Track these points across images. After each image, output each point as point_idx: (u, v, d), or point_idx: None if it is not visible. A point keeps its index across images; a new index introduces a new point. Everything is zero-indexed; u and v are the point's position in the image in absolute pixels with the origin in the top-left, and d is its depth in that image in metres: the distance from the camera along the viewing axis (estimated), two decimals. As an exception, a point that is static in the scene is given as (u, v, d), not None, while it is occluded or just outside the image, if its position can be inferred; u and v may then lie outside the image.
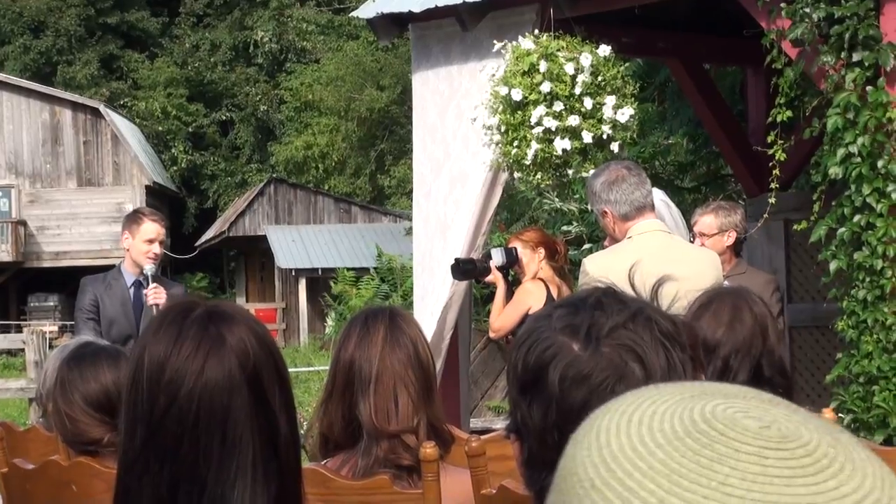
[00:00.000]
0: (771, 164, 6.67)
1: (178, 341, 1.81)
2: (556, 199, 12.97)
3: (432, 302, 7.52)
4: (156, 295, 6.39)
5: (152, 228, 6.55)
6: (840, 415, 6.00)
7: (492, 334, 6.90)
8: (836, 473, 0.82)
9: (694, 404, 0.87)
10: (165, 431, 1.78)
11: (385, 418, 2.95)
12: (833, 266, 6.23)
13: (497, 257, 6.65)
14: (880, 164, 6.04)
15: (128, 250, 6.58)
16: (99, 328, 6.39)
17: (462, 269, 6.80)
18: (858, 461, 0.84)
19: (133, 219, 6.62)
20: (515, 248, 6.66)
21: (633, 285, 1.75)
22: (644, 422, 0.86)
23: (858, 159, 6.06)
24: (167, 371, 1.80)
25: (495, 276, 6.68)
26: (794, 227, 6.84)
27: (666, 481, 0.82)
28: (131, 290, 6.58)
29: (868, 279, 6.12)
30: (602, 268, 4.47)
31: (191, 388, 1.79)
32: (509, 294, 6.74)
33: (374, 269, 23.28)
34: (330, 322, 20.96)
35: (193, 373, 1.79)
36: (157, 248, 6.55)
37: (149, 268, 6.55)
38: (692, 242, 5.88)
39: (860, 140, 6.03)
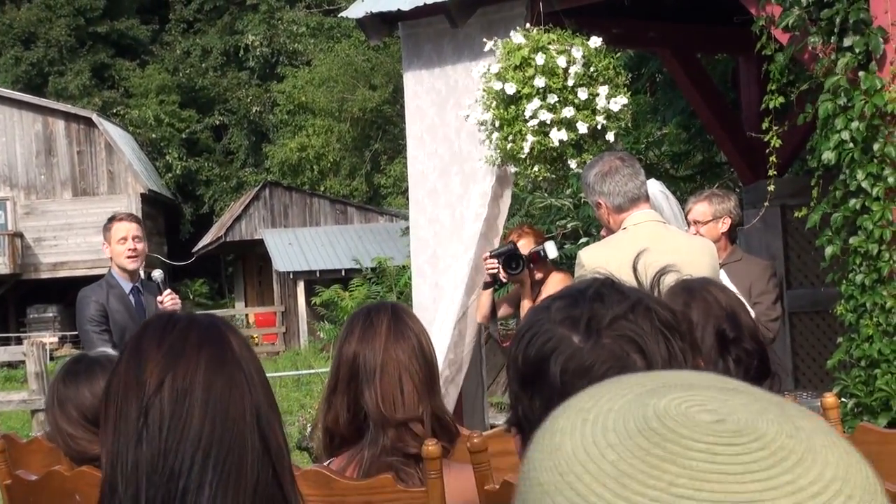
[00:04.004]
0: (767, 150, 6.66)
1: (161, 340, 1.80)
2: (547, 196, 12.94)
3: (444, 301, 7.40)
4: (172, 301, 6.44)
5: (122, 227, 6.60)
6: (843, 399, 5.98)
7: None
8: (792, 467, 0.80)
9: (650, 400, 0.85)
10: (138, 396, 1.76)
11: (391, 406, 2.93)
12: (829, 251, 6.21)
13: (552, 251, 6.38)
14: (876, 147, 6.01)
15: (111, 258, 6.65)
16: (112, 339, 6.38)
17: (515, 267, 6.35)
18: (820, 450, 0.81)
19: (106, 226, 6.68)
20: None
21: (636, 273, 1.74)
22: (599, 421, 0.84)
23: (851, 144, 6.04)
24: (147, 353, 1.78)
25: (525, 273, 6.39)
26: (795, 213, 6.82)
27: (615, 484, 0.80)
28: (131, 297, 6.60)
29: (864, 263, 6.10)
30: (597, 259, 4.47)
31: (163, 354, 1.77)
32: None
33: (368, 269, 23.23)
34: (321, 333, 20.82)
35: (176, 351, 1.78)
36: (132, 245, 6.57)
37: (157, 273, 6.64)
38: (687, 231, 5.87)
39: (854, 125, 6.01)
